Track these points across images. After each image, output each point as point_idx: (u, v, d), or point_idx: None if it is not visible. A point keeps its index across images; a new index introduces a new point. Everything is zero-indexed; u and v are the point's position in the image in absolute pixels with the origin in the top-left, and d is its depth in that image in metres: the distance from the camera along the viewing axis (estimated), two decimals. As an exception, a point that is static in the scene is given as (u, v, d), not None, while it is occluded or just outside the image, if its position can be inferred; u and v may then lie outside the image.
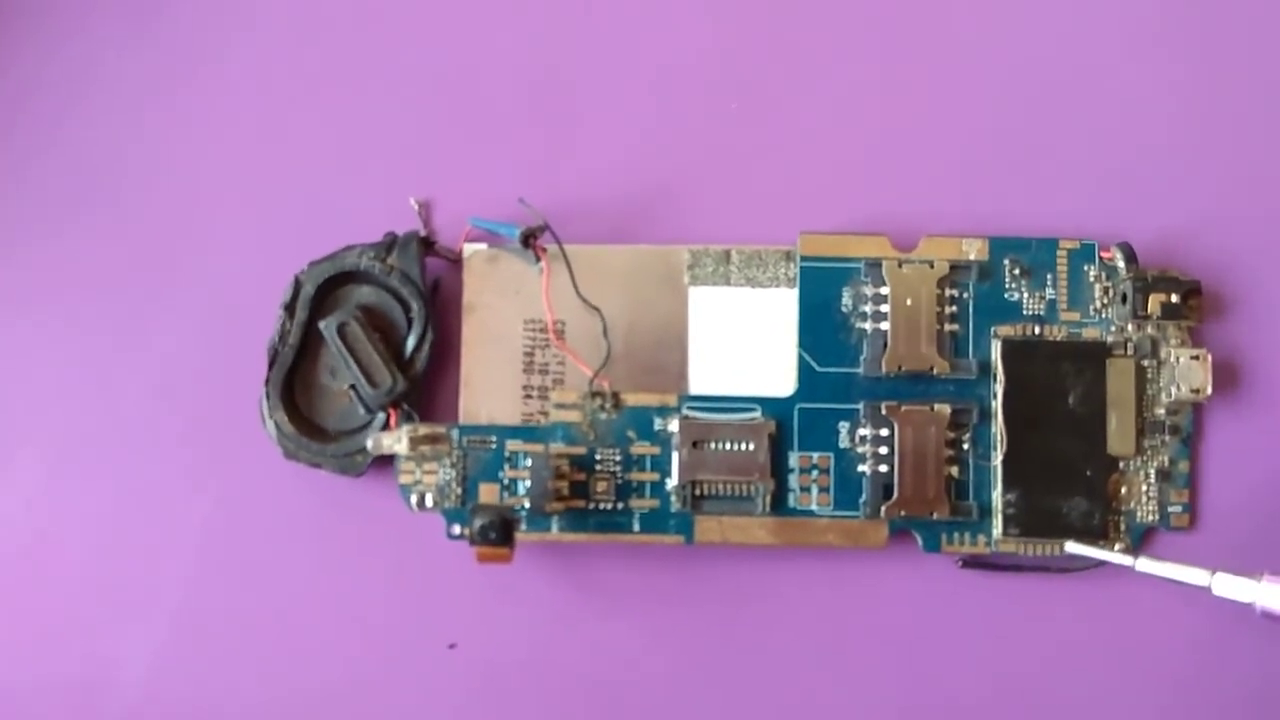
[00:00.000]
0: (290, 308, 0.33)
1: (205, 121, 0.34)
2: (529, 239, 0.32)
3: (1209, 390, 0.32)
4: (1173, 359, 0.32)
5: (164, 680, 0.33)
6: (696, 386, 0.33)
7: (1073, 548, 0.31)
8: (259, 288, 0.33)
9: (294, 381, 0.33)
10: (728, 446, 0.32)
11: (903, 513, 0.32)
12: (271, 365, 0.32)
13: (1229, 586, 0.30)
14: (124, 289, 0.34)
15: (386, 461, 0.32)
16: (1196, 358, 0.32)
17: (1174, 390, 0.32)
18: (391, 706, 0.32)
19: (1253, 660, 0.32)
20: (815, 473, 0.32)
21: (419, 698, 0.32)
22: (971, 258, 0.33)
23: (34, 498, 0.33)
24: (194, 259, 0.34)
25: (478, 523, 0.30)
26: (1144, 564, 0.31)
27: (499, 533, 0.30)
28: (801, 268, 0.33)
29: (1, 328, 0.34)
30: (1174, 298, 0.32)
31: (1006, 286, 0.33)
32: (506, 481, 0.32)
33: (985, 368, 0.32)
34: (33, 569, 0.33)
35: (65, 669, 0.33)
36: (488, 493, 0.32)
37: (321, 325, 0.32)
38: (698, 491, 0.32)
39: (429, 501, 0.32)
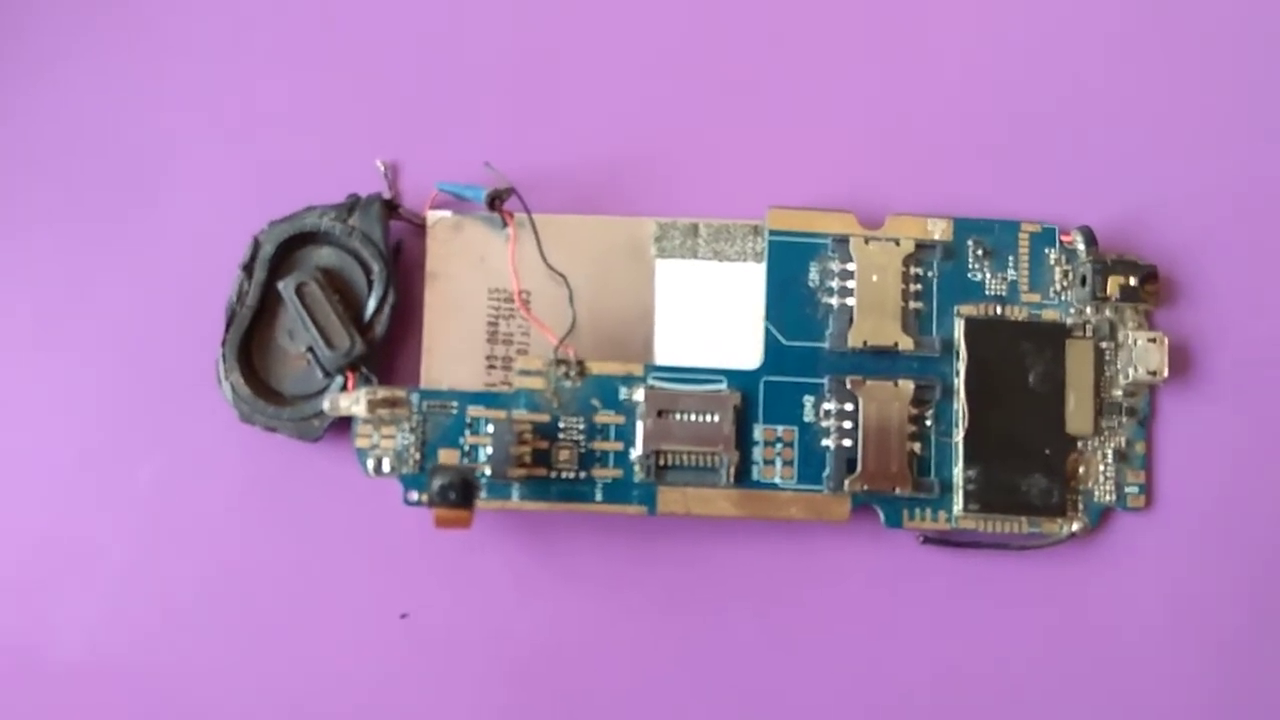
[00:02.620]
0: (249, 268, 0.32)
1: (168, 76, 0.33)
2: (495, 201, 0.32)
3: (1165, 373, 0.32)
4: (1130, 341, 0.33)
5: (105, 644, 0.31)
6: (662, 359, 0.33)
7: None
8: (217, 247, 0.32)
9: (251, 343, 0.32)
10: (693, 417, 0.32)
11: (865, 487, 0.32)
12: (229, 326, 0.32)
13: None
14: (79, 244, 0.33)
15: (344, 426, 0.32)
16: (1154, 340, 0.32)
17: (1131, 372, 0.33)
18: (340, 674, 0.32)
19: (1207, 635, 0.32)
20: (779, 446, 0.32)
21: (369, 666, 0.32)
22: (936, 237, 0.33)
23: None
24: (151, 216, 0.33)
25: (437, 482, 0.29)
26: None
27: (459, 493, 0.29)
28: (770, 242, 0.33)
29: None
30: (1132, 281, 0.33)
31: (970, 267, 0.33)
32: (467, 448, 0.31)
33: (948, 345, 0.33)
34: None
35: (7, 630, 0.31)
36: (447, 459, 0.31)
37: (280, 285, 0.32)
38: (661, 462, 0.31)
39: (386, 466, 0.31)
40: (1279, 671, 0.32)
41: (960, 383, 0.32)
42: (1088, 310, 0.33)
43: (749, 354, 0.32)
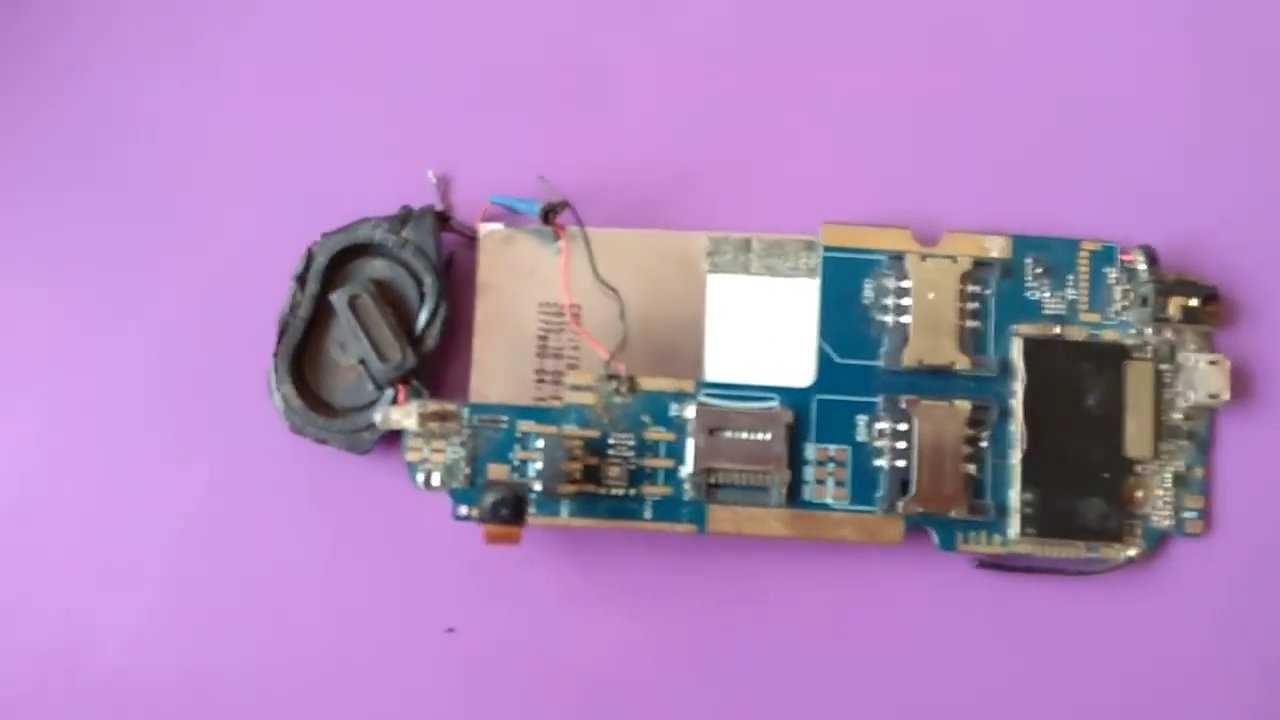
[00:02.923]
0: (302, 279, 0.32)
1: (222, 87, 0.33)
2: (549, 214, 0.31)
3: (1226, 396, 0.32)
4: (1191, 363, 0.32)
5: (149, 655, 0.32)
6: (713, 375, 0.32)
7: None
8: (271, 258, 0.32)
9: (303, 354, 0.32)
10: (744, 435, 0.31)
11: (919, 509, 0.31)
12: (281, 337, 0.32)
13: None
14: (134, 254, 0.33)
15: (394, 439, 0.31)
16: (1214, 363, 0.32)
17: (1191, 395, 0.32)
18: (385, 689, 0.31)
19: (1265, 663, 0.32)
20: (832, 465, 0.32)
21: (414, 681, 0.31)
22: (994, 255, 0.32)
23: (31, 462, 0.32)
24: (207, 226, 0.33)
25: (489, 499, 0.29)
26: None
27: (511, 509, 0.29)
28: (824, 258, 0.32)
29: (6, 289, 0.33)
30: (1193, 302, 0.32)
31: (1028, 285, 0.32)
32: (516, 463, 0.31)
33: (1005, 365, 0.32)
34: (25, 533, 0.32)
35: (50, 638, 0.31)
36: (497, 474, 0.31)
37: (333, 297, 0.31)
38: (712, 480, 0.31)
39: (436, 480, 0.31)
40: (1340, 703, 0.32)
41: (1017, 403, 0.32)
42: (1148, 331, 0.32)
43: (801, 371, 0.32)
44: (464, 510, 0.31)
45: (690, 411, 0.31)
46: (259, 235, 0.33)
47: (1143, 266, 0.32)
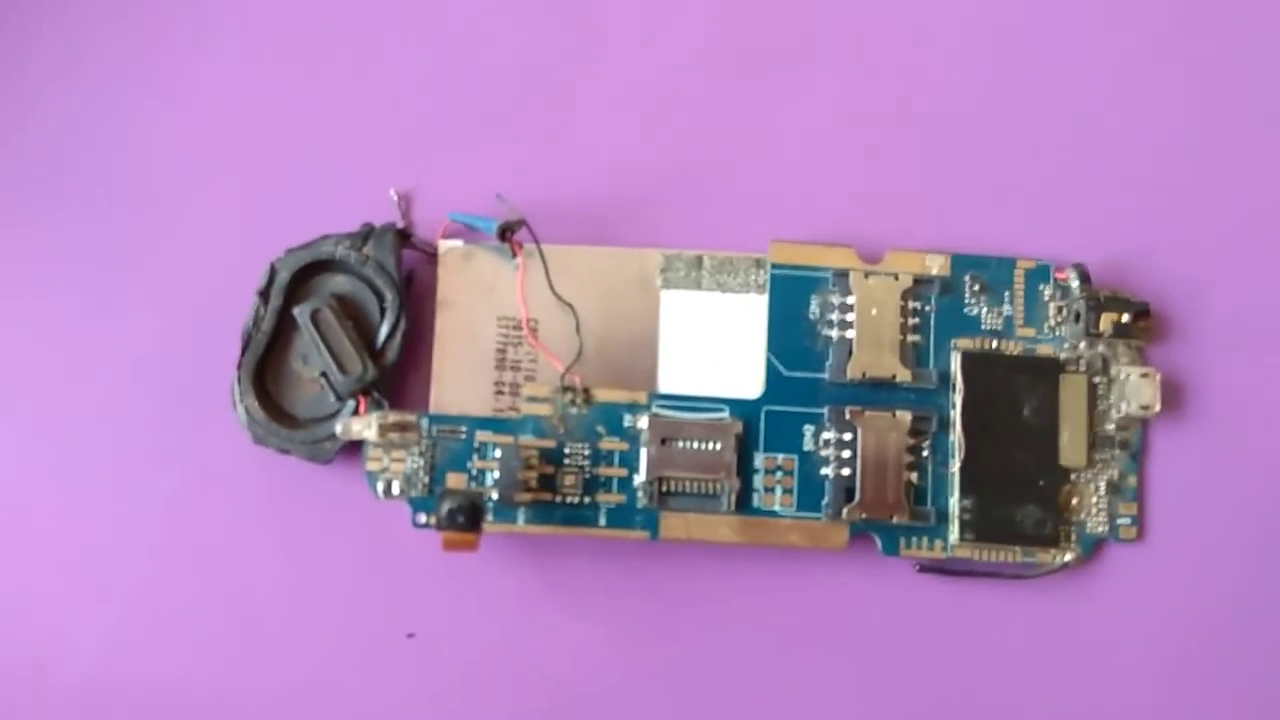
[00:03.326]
0: (265, 294, 0.33)
1: (187, 105, 0.34)
2: (506, 233, 0.33)
3: (1157, 407, 0.33)
4: (1123, 376, 0.33)
5: (117, 662, 0.32)
6: (665, 387, 0.33)
7: None
8: (234, 273, 0.33)
9: (266, 367, 0.33)
10: (695, 445, 0.32)
11: (863, 515, 0.32)
12: (244, 350, 0.32)
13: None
14: (99, 268, 0.34)
15: (355, 450, 0.32)
16: (1146, 375, 0.33)
17: (1124, 406, 0.33)
18: (347, 694, 0.32)
19: (1195, 665, 0.33)
20: (779, 474, 0.33)
21: (376, 686, 0.32)
22: (934, 272, 0.34)
23: (-4, 472, 0.33)
24: (171, 242, 0.34)
25: (446, 506, 0.30)
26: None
27: (467, 517, 0.30)
28: (772, 275, 0.33)
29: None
30: (1124, 318, 0.33)
31: (966, 301, 0.34)
32: (475, 472, 0.32)
33: (945, 378, 0.33)
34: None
35: (17, 646, 0.32)
36: (455, 483, 0.32)
37: (295, 311, 0.32)
38: (664, 488, 0.32)
39: (395, 489, 0.32)
40: (1265, 703, 0.33)
41: (956, 414, 0.33)
42: (1081, 346, 0.34)
43: (751, 384, 0.33)
44: (423, 518, 0.32)
45: (644, 422, 0.32)
46: (223, 251, 0.34)
47: (1076, 284, 0.34)
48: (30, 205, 0.34)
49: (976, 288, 0.34)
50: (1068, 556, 0.33)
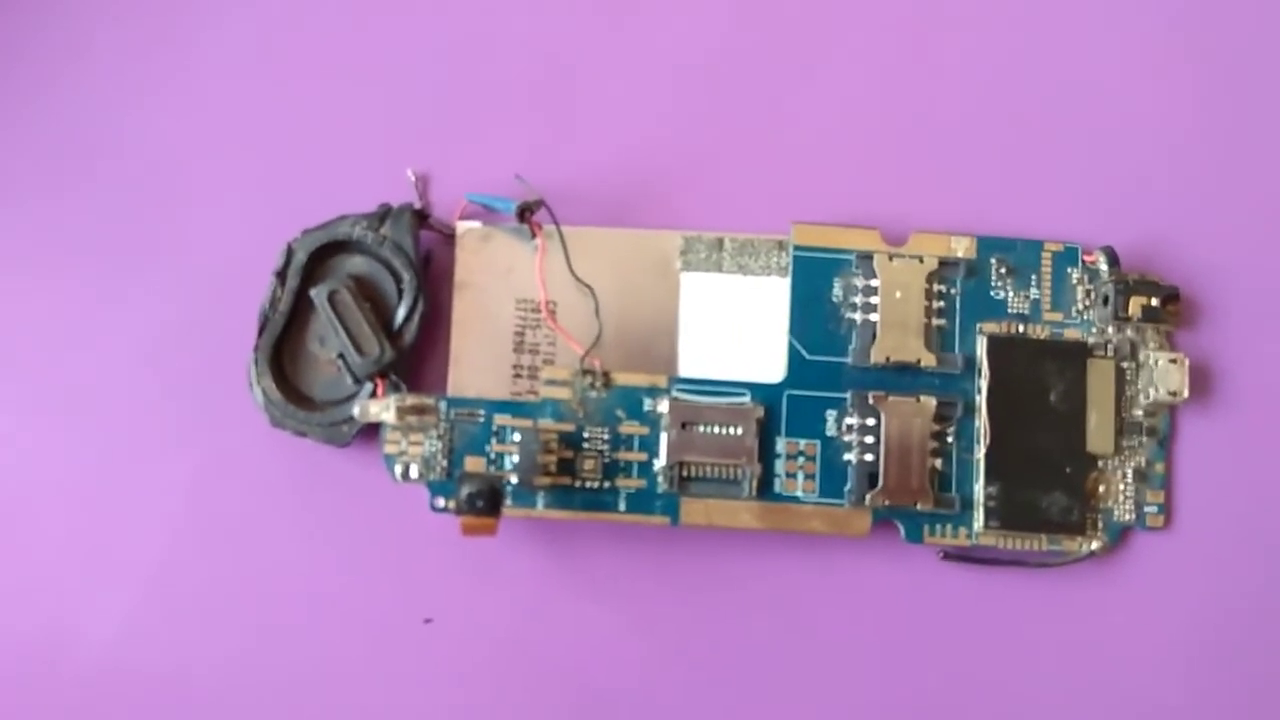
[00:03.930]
0: (282, 275, 0.32)
1: (205, 86, 0.34)
2: (525, 213, 0.32)
3: (1186, 393, 0.33)
4: (1151, 361, 0.33)
5: (132, 643, 0.32)
6: (686, 370, 0.33)
7: None
8: (252, 254, 0.33)
9: (283, 349, 0.32)
10: (716, 430, 0.32)
11: (886, 502, 0.32)
12: (261, 331, 0.32)
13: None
14: (116, 250, 0.33)
15: (372, 432, 0.32)
16: (1174, 361, 0.33)
17: (1152, 392, 0.33)
18: (364, 678, 0.32)
19: (1223, 654, 0.33)
20: (801, 459, 0.32)
21: (393, 671, 0.32)
22: (960, 255, 0.33)
23: (13, 453, 0.33)
24: (188, 223, 0.33)
25: (465, 490, 0.29)
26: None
27: (487, 501, 0.29)
28: (794, 257, 0.33)
29: (-15, 280, 0.33)
30: (1153, 302, 0.33)
31: (993, 285, 0.33)
32: (493, 455, 0.32)
33: (970, 363, 0.33)
34: (8, 527, 0.32)
35: (35, 628, 0.32)
36: (474, 466, 0.32)
37: (312, 292, 0.32)
38: (685, 473, 0.32)
39: (413, 473, 0.31)
40: (1296, 693, 0.32)
41: (982, 400, 0.33)
42: (1109, 330, 0.33)
43: (772, 368, 0.33)
44: (441, 502, 0.31)
45: (664, 406, 0.32)
46: (240, 232, 0.33)
47: (1104, 267, 0.33)
48: (47, 187, 0.34)
49: (1003, 270, 0.33)
50: (1094, 545, 0.32)
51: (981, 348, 0.33)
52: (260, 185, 0.33)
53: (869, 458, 0.32)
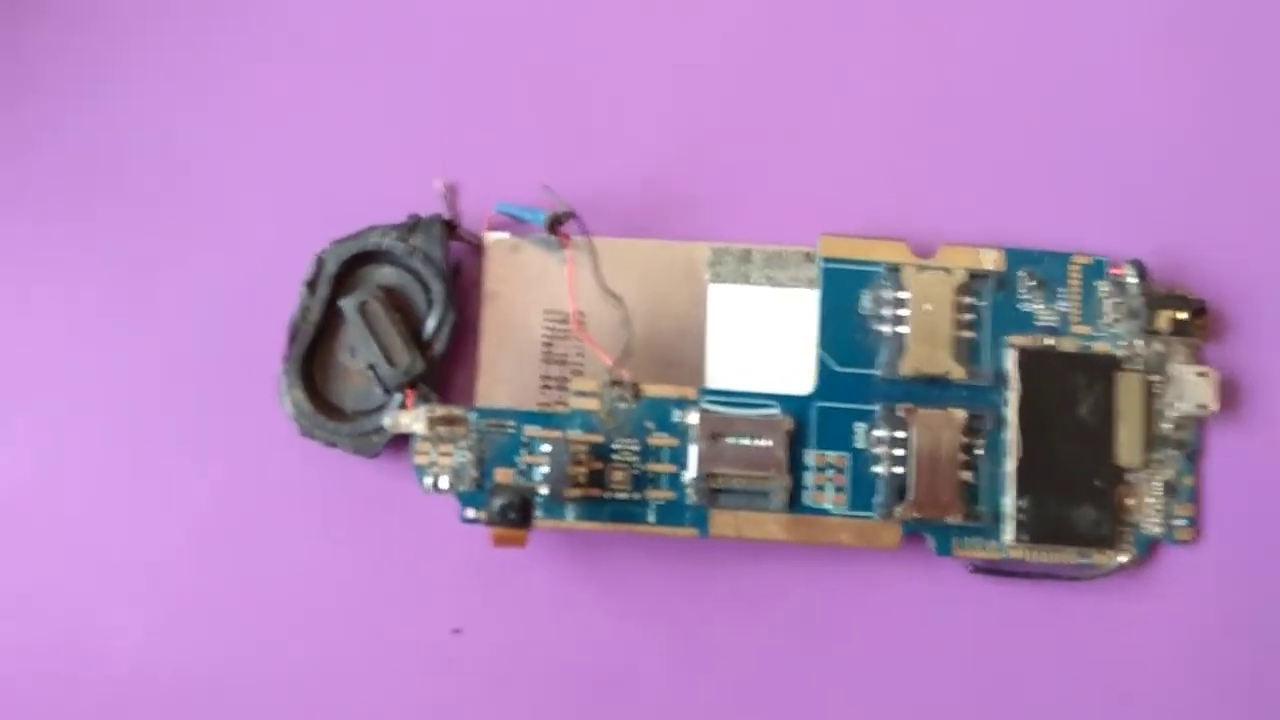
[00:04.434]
0: (312, 285, 0.32)
1: (236, 97, 0.34)
2: (555, 224, 0.32)
3: (1215, 407, 0.33)
4: (1180, 375, 0.33)
5: (159, 649, 0.32)
6: (715, 382, 0.33)
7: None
8: (281, 264, 0.33)
9: (313, 359, 0.32)
10: (745, 442, 0.32)
11: (916, 515, 0.32)
12: (291, 342, 0.32)
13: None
14: (150, 261, 0.33)
15: (402, 443, 0.32)
16: (1203, 374, 0.33)
17: (1180, 405, 0.33)
18: (391, 689, 0.32)
19: (1252, 668, 0.32)
20: (831, 471, 0.32)
21: (420, 681, 0.32)
22: (989, 268, 0.33)
23: (42, 460, 0.33)
24: (218, 232, 0.33)
25: (498, 502, 0.29)
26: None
27: (518, 513, 0.29)
28: (823, 269, 0.33)
29: (21, 289, 0.33)
30: (1182, 315, 0.33)
31: (1021, 297, 0.33)
32: (523, 467, 0.32)
33: (999, 376, 0.33)
34: (39, 531, 0.32)
35: (56, 632, 0.32)
36: (504, 477, 0.32)
37: (343, 303, 0.32)
38: (714, 485, 0.32)
39: (443, 484, 0.31)
40: (1325, 708, 0.32)
41: (1012, 413, 0.32)
42: (1138, 343, 0.33)
43: (802, 379, 0.33)
44: (471, 513, 0.31)
45: (693, 418, 0.32)
46: (271, 242, 0.33)
47: (1133, 280, 0.33)
48: (78, 197, 0.34)
49: (1031, 283, 0.33)
50: (1123, 558, 0.32)
51: (1011, 360, 0.33)
52: (291, 196, 0.34)
53: (899, 470, 0.32)
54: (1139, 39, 0.35)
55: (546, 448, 0.31)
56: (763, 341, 0.33)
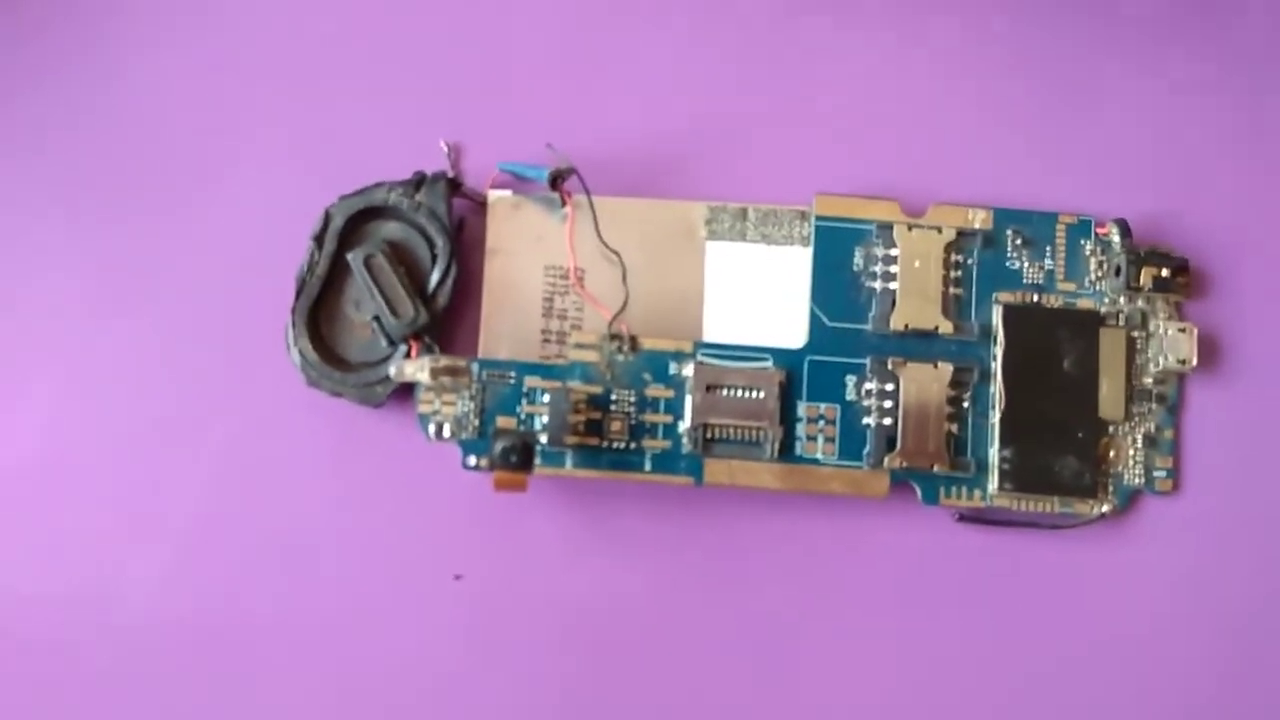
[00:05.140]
0: (319, 239, 0.33)
1: (246, 56, 0.35)
2: (557, 180, 0.33)
3: (1194, 362, 0.34)
4: (1161, 330, 0.34)
5: (171, 598, 0.33)
6: (710, 336, 0.34)
7: None
8: (290, 218, 0.34)
9: (319, 311, 0.33)
10: (739, 393, 0.33)
11: (904, 464, 0.33)
12: (298, 294, 0.33)
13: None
14: (161, 215, 0.34)
15: (406, 393, 0.33)
16: (1183, 330, 0.34)
17: (1161, 360, 0.34)
18: (394, 633, 0.33)
19: (1227, 614, 0.34)
20: (822, 423, 0.33)
21: (422, 625, 0.33)
22: (977, 226, 0.34)
23: (53, 412, 0.34)
24: (230, 189, 0.34)
25: (500, 445, 0.30)
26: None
27: (520, 456, 0.30)
28: (817, 227, 0.34)
29: (30, 242, 0.34)
30: (1164, 272, 0.34)
31: (1008, 255, 0.34)
32: (523, 416, 0.33)
33: (986, 331, 0.34)
34: (48, 482, 0.33)
35: (75, 582, 0.33)
36: (505, 425, 0.32)
37: (349, 256, 0.33)
38: (708, 435, 0.33)
39: (446, 432, 0.32)
40: (1298, 653, 0.33)
41: (997, 366, 0.33)
42: (1121, 300, 0.34)
43: (794, 334, 0.34)
44: (473, 460, 0.32)
45: (689, 370, 0.33)
46: (280, 197, 0.34)
47: (1117, 239, 0.34)
48: (85, 150, 0.34)
49: (1019, 242, 0.34)
50: (1104, 507, 0.33)
51: (998, 316, 0.34)
52: (299, 153, 0.34)
53: (887, 422, 0.33)
54: (1125, 5, 0.36)
55: (546, 398, 0.32)
56: (757, 297, 0.34)
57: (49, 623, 0.33)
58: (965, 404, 0.33)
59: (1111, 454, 0.34)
